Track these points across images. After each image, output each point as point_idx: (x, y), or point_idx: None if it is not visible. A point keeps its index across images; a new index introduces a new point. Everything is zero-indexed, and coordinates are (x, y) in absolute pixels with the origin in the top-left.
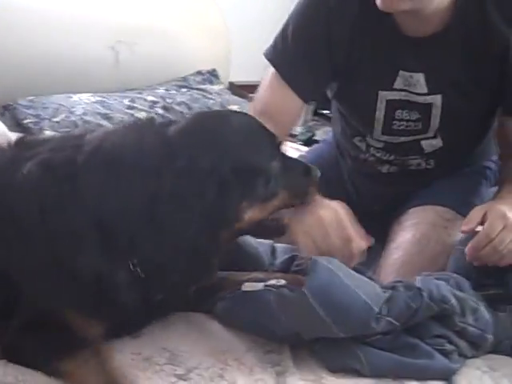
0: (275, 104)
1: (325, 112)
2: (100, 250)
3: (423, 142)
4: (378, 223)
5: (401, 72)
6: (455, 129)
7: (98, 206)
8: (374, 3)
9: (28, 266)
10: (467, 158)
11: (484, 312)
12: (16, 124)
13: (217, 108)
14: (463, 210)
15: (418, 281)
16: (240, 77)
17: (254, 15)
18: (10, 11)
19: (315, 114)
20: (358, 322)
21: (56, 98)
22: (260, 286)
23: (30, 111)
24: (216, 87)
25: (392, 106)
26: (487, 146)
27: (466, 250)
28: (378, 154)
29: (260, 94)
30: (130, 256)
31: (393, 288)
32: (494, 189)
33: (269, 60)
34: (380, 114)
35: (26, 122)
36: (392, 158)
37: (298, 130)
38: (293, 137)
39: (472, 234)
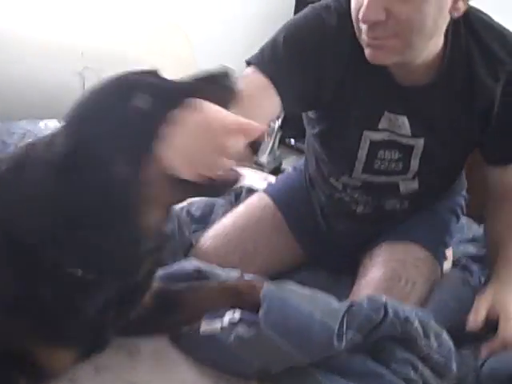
0: (251, 97)
1: (292, 142)
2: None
3: (401, 184)
4: (349, 256)
5: (386, 113)
6: (432, 172)
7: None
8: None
9: None
10: (440, 196)
11: (447, 340)
12: None
13: None
14: (434, 248)
15: (383, 298)
16: None
17: (222, 44)
18: None
19: (282, 143)
20: (320, 344)
21: (22, 123)
22: (217, 326)
23: None
24: None
25: (375, 146)
26: (458, 182)
27: (482, 354)
28: (355, 195)
29: None
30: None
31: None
32: (462, 221)
33: (253, 64)
34: (363, 153)
35: None
36: (369, 198)
37: (265, 158)
38: (260, 166)
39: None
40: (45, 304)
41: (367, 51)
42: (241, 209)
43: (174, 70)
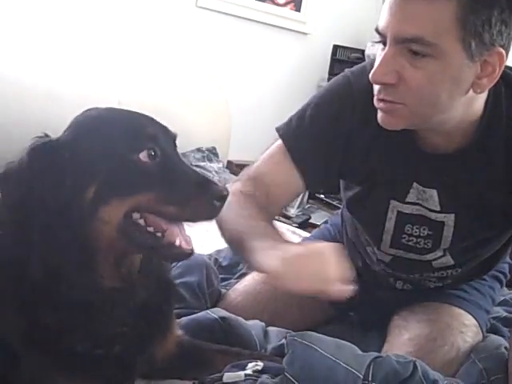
0: (274, 176)
1: (321, 196)
2: None
3: (434, 263)
4: (383, 315)
5: (415, 184)
6: (468, 250)
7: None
8: None
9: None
10: (485, 271)
11: None
12: None
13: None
14: (480, 316)
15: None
16: (238, 156)
17: (255, 98)
18: (17, 87)
19: (311, 197)
20: None
21: None
22: (241, 375)
23: None
24: (215, 165)
25: (402, 219)
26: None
27: None
28: (388, 270)
29: (259, 162)
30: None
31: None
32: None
33: (280, 135)
34: (390, 225)
35: None
36: (404, 276)
37: (293, 212)
38: (288, 219)
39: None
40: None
41: (378, 115)
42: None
43: (208, 119)
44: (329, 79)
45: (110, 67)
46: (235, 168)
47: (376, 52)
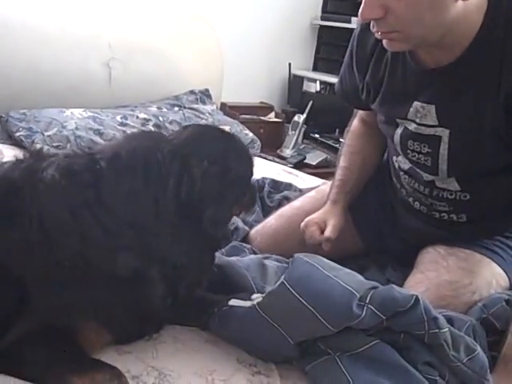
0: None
1: (316, 136)
2: (137, 248)
3: (437, 181)
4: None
5: (415, 103)
6: (472, 176)
7: (126, 209)
8: None
9: (51, 271)
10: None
11: (481, 356)
12: (7, 136)
13: None
14: (509, 270)
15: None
16: (232, 98)
17: (247, 39)
18: (5, 27)
19: (306, 137)
20: (340, 307)
21: (48, 111)
22: (247, 303)
23: (23, 124)
24: (208, 107)
25: (406, 134)
26: None
27: None
28: (407, 179)
29: None
30: (159, 255)
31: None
32: None
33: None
34: (397, 140)
35: (17, 134)
36: (419, 195)
37: (288, 152)
38: (283, 159)
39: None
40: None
41: (383, 42)
42: (311, 194)
43: (200, 61)
44: (322, 17)
45: (101, 8)
46: (228, 110)
47: None
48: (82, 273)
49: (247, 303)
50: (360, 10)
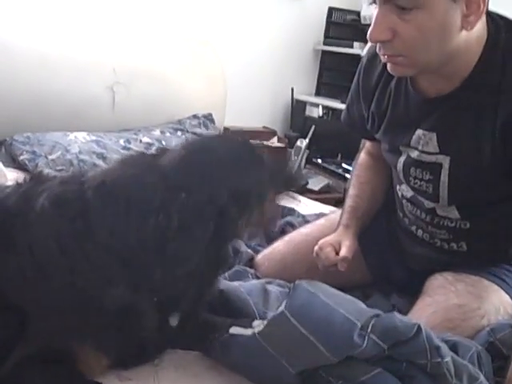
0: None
1: (318, 161)
2: (125, 281)
3: (438, 208)
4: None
5: (418, 131)
6: (472, 205)
7: (112, 241)
8: None
9: (45, 300)
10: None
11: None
12: (11, 159)
13: None
14: None
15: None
16: (235, 122)
17: (250, 63)
18: (11, 51)
19: (308, 162)
20: (341, 337)
21: (52, 135)
22: (248, 331)
23: (26, 147)
24: (211, 132)
25: (408, 161)
26: None
27: None
28: (409, 208)
29: None
30: (148, 285)
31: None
32: None
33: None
34: (399, 167)
35: (21, 157)
36: (420, 222)
37: None
38: None
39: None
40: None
41: (388, 66)
42: (320, 221)
43: (203, 85)
44: (324, 42)
45: (105, 33)
46: (231, 135)
47: (372, 13)
48: (74, 302)
49: (248, 331)
50: (369, 32)
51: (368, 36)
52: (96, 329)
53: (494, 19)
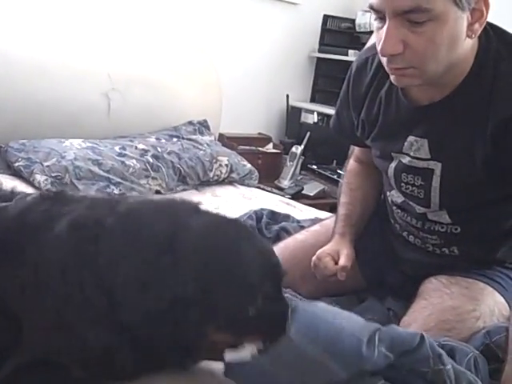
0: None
1: (314, 167)
2: (108, 321)
3: (429, 214)
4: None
5: (409, 137)
6: (463, 209)
7: (109, 274)
8: (385, 71)
9: (39, 317)
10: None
11: None
12: (7, 166)
13: (207, 159)
14: (510, 298)
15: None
16: (230, 129)
17: (245, 70)
18: (6, 59)
19: (303, 168)
20: (350, 350)
21: (48, 142)
22: (247, 355)
23: (22, 154)
24: (206, 138)
25: (400, 167)
26: None
27: None
28: (400, 214)
29: None
30: (132, 328)
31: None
32: None
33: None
34: (391, 173)
35: (17, 164)
36: (411, 227)
37: (285, 183)
38: (281, 190)
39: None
40: None
41: (392, 77)
42: (315, 228)
43: (199, 92)
44: (319, 50)
45: (101, 40)
46: (227, 140)
47: (367, 21)
48: (61, 331)
49: (247, 355)
50: (380, 46)
51: (379, 51)
52: (81, 358)
53: (484, 28)
